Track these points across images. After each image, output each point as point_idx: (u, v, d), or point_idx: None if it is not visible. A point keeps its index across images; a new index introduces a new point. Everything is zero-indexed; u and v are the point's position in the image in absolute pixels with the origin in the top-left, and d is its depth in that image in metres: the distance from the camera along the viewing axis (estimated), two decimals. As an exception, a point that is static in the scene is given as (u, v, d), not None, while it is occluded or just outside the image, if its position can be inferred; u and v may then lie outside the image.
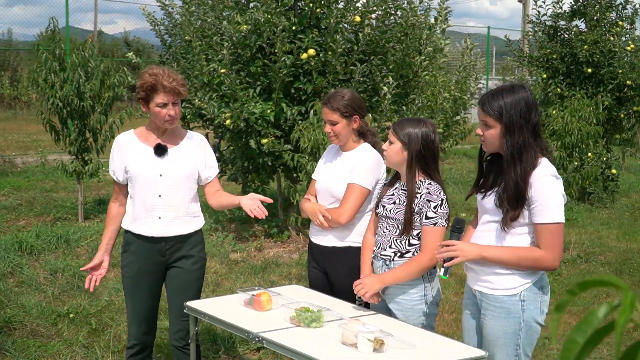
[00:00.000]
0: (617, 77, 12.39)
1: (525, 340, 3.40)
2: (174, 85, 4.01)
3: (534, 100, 3.37)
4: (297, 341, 3.31)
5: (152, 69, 4.08)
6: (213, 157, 4.33)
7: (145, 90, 4.00)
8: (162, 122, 4.05)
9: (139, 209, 4.12)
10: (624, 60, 12.43)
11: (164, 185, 4.08)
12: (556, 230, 3.28)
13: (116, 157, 4.17)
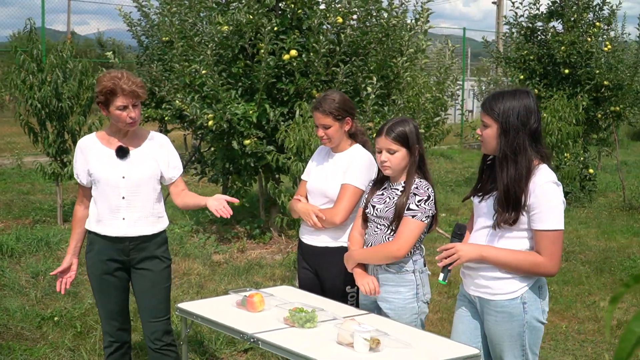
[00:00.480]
0: (595, 77, 12.50)
1: (531, 340, 3.42)
2: (133, 88, 4.02)
3: (535, 107, 3.40)
4: (292, 341, 3.31)
5: (110, 73, 4.09)
6: (177, 157, 4.33)
7: (105, 94, 4.00)
8: (123, 124, 4.06)
9: (102, 210, 4.12)
10: (601, 60, 12.54)
11: (127, 187, 4.09)
12: (556, 237, 3.31)
13: (79, 160, 4.17)
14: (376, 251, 3.87)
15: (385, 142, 3.85)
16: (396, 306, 3.85)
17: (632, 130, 23.22)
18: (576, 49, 12.52)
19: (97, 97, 4.04)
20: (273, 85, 8.55)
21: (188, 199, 4.36)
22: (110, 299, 4.22)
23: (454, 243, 3.46)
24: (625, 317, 6.60)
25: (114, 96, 3.99)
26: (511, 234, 3.39)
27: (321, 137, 4.26)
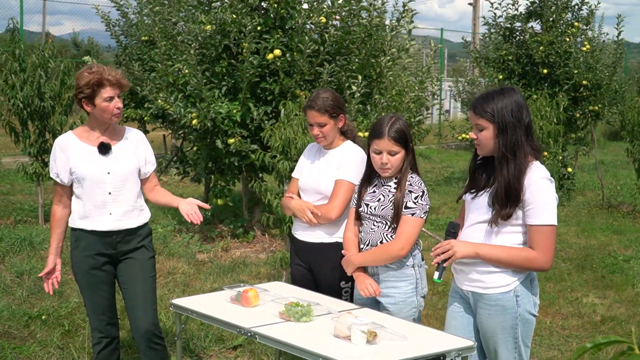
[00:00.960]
0: (573, 77, 12.64)
1: (524, 332, 3.48)
2: (118, 77, 4.09)
3: (524, 101, 3.48)
4: (289, 335, 3.34)
5: (90, 67, 4.11)
6: (152, 153, 4.40)
7: (92, 87, 4.01)
8: (109, 116, 4.08)
9: (89, 207, 4.13)
10: (580, 60, 12.68)
11: (112, 183, 4.13)
12: (549, 232, 3.38)
13: (59, 159, 4.16)
14: (378, 253, 3.90)
15: (387, 144, 3.84)
16: (397, 300, 3.89)
17: (610, 129, 23.47)
18: (555, 49, 12.65)
19: (82, 91, 4.03)
20: (257, 84, 8.56)
21: (160, 196, 4.43)
22: (99, 294, 4.23)
23: (449, 240, 3.51)
24: (608, 312, 6.69)
25: (100, 88, 4.02)
26: (506, 229, 3.44)
27: (316, 135, 4.28)
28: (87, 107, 4.09)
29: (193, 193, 12.67)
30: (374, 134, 3.92)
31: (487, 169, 3.59)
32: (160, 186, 4.51)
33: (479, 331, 3.60)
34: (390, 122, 3.90)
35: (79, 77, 4.07)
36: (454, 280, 3.69)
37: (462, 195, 3.72)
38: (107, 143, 4.15)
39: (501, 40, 13.63)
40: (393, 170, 3.92)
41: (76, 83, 4.08)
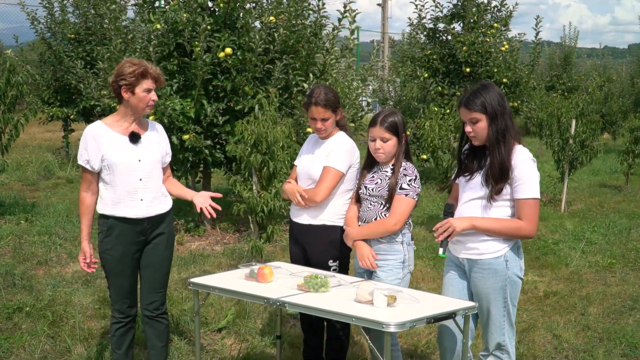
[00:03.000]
0: (494, 75, 13.40)
1: (512, 293, 3.98)
2: (158, 73, 4.41)
3: (502, 92, 3.98)
4: (315, 303, 3.71)
5: (130, 60, 4.40)
6: (169, 145, 4.69)
7: (136, 76, 4.27)
8: (144, 106, 4.35)
9: (121, 193, 4.37)
10: (500, 59, 13.45)
11: (143, 170, 4.40)
12: (534, 204, 3.89)
13: (90, 147, 4.36)
14: (375, 227, 4.34)
15: (379, 131, 4.32)
16: (384, 270, 4.32)
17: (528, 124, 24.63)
18: (476, 49, 13.38)
19: (125, 79, 4.26)
20: (209, 81, 8.84)
21: (173, 186, 4.71)
22: (126, 280, 4.50)
23: (448, 219, 3.97)
24: (549, 288, 7.31)
25: (144, 79, 4.29)
26: (497, 203, 3.94)
27: (319, 129, 4.64)
28: (125, 94, 4.31)
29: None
30: (370, 124, 4.39)
31: (476, 156, 4.08)
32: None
33: (473, 294, 4.06)
34: (384, 114, 4.37)
35: (122, 66, 4.31)
36: (449, 251, 4.14)
37: (455, 179, 4.20)
38: (137, 133, 4.41)
39: (426, 41, 14.29)
40: (386, 156, 4.35)
41: (119, 71, 4.30)
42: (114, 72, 4.40)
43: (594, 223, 10.71)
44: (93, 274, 7.15)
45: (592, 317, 6.42)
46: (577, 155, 12.12)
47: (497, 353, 4.08)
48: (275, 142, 6.60)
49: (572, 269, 8.10)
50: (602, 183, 15.67)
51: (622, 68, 32.55)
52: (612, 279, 7.74)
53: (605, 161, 19.11)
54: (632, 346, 5.67)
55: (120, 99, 4.36)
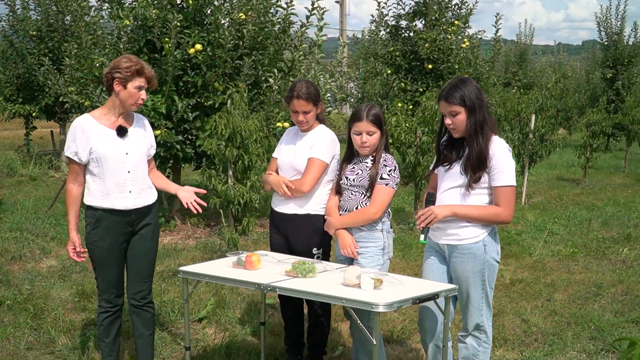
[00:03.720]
0: (455, 71, 13.64)
1: (489, 276, 4.18)
2: (152, 74, 4.53)
3: (479, 86, 4.19)
4: (305, 287, 3.86)
5: (128, 56, 4.51)
6: (153, 138, 4.81)
7: (132, 72, 4.39)
8: (133, 102, 4.46)
9: (110, 185, 4.47)
10: (461, 56, 13.71)
11: (131, 163, 4.51)
12: (511, 191, 4.11)
13: (79, 139, 4.44)
14: (356, 216, 4.50)
15: (365, 125, 4.48)
16: (365, 256, 4.49)
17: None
18: (438, 46, 13.61)
19: (120, 72, 4.36)
20: (179, 77, 8.92)
21: (157, 179, 4.81)
22: (114, 270, 4.60)
23: (429, 207, 4.15)
24: (515, 276, 7.56)
25: (138, 76, 4.41)
26: (475, 191, 4.13)
27: (301, 121, 4.78)
28: (117, 87, 4.40)
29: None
30: (355, 118, 4.54)
31: (454, 147, 4.27)
32: None
33: (452, 278, 4.25)
34: (367, 108, 4.53)
35: (120, 60, 4.43)
36: (429, 238, 4.33)
37: (434, 169, 4.39)
38: (125, 127, 4.51)
39: (389, 37, 14.50)
40: (371, 149, 4.53)
41: (115, 64, 4.41)
42: (83, 67, 4.48)
43: (555, 215, 11.05)
44: (68, 268, 7.27)
45: (558, 303, 6.68)
46: (536, 149, 12.46)
47: (475, 333, 4.29)
48: (249, 135, 6.73)
49: (536, 258, 8.37)
50: (560, 177, 16.10)
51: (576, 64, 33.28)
52: (576, 267, 8.03)
53: (562, 156, 19.60)
54: (600, 330, 5.92)
55: (110, 91, 4.45)
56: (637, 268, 7.93)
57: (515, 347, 5.58)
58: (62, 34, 14.64)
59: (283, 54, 9.58)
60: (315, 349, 5.03)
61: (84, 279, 6.99)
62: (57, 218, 9.67)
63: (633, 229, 9.98)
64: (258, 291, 6.60)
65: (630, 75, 22.01)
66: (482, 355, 4.31)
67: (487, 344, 4.33)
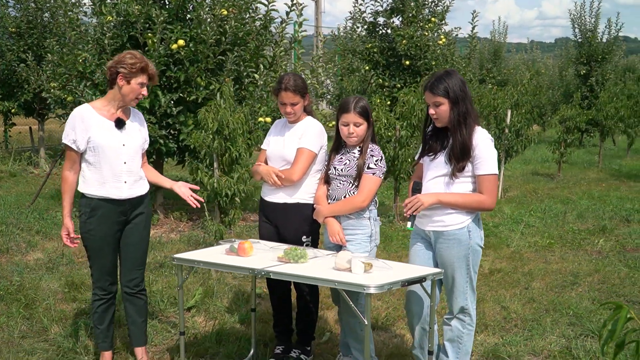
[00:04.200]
0: (432, 68, 13.85)
1: (473, 260, 4.35)
2: (154, 72, 4.67)
3: (463, 78, 4.35)
4: (298, 272, 4.01)
5: (133, 52, 4.64)
6: (147, 133, 4.95)
7: (137, 69, 4.52)
8: (133, 98, 4.61)
9: (106, 174, 4.60)
10: (437, 53, 13.93)
11: (127, 154, 4.65)
12: (494, 179, 4.28)
13: (78, 128, 4.56)
14: (344, 205, 4.66)
15: (353, 117, 4.64)
16: (353, 243, 4.65)
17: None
18: (415, 43, 13.81)
19: (125, 67, 4.50)
20: (162, 73, 9.02)
21: (149, 173, 4.95)
22: (108, 258, 4.73)
23: (416, 195, 4.32)
24: (493, 266, 7.75)
25: (142, 73, 4.55)
26: (459, 180, 4.30)
27: (288, 113, 4.93)
28: (121, 82, 4.53)
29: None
30: (342, 110, 4.69)
31: (439, 137, 4.44)
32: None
33: (438, 263, 4.42)
34: (355, 100, 4.69)
35: (124, 56, 4.55)
36: (415, 225, 4.49)
37: (418, 160, 4.56)
38: (123, 119, 4.64)
39: (367, 34, 14.68)
40: (358, 139, 4.68)
41: (120, 59, 4.53)
42: (67, 63, 4.58)
43: (531, 208, 11.29)
44: (55, 260, 7.35)
45: (536, 291, 6.88)
46: (512, 144, 12.70)
47: (460, 316, 4.46)
48: (236, 129, 6.85)
49: (514, 249, 8.58)
50: (535, 171, 16.38)
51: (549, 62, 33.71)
52: (552, 257, 8.25)
53: (536, 151, 19.94)
54: (578, 316, 6.11)
55: (112, 84, 4.58)
56: (613, 258, 8.16)
57: (495, 332, 5.76)
58: (41, 30, 14.64)
59: (264, 50, 9.71)
60: (303, 335, 5.18)
61: (72, 270, 7.10)
62: (41, 212, 9.75)
63: (608, 221, 10.24)
64: (245, 281, 6.80)
65: (604, 71, 22.41)
66: (466, 337, 4.49)
67: (471, 326, 4.51)
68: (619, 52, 24.85)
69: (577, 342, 5.48)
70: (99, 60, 9.00)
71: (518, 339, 5.57)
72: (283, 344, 5.20)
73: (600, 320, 5.95)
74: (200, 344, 5.31)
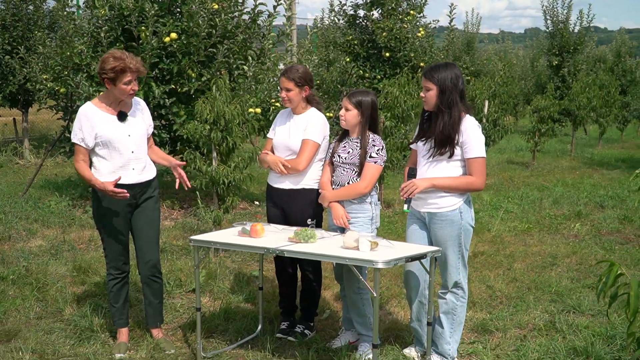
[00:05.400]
0: (411, 59, 14.25)
1: (465, 239, 4.75)
2: (138, 66, 4.92)
3: (460, 73, 4.75)
4: (310, 249, 4.37)
5: (113, 54, 4.89)
6: (151, 117, 5.28)
7: (115, 72, 4.81)
8: (126, 95, 4.93)
9: (117, 164, 4.94)
10: (416, 45, 14.32)
11: (133, 143, 4.98)
12: (482, 162, 4.66)
13: (85, 126, 4.89)
14: (348, 191, 5.03)
15: (345, 102, 5.10)
16: (356, 226, 5.02)
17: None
18: (395, 35, 14.18)
19: (106, 74, 4.80)
20: (155, 65, 9.30)
21: (154, 154, 5.29)
22: (120, 239, 5.07)
23: (411, 180, 4.70)
24: (477, 249, 8.17)
25: (123, 74, 4.82)
26: (450, 164, 4.69)
27: (283, 98, 5.30)
28: (108, 85, 4.86)
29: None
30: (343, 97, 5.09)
31: (431, 123, 4.81)
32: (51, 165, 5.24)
33: (433, 241, 4.81)
34: (353, 91, 5.12)
35: (104, 61, 4.83)
36: (411, 207, 4.87)
37: (413, 142, 4.93)
38: (124, 112, 4.96)
39: (347, 26, 15.02)
40: (347, 124, 5.11)
41: (101, 66, 4.83)
42: (63, 55, 4.82)
43: (508, 195, 11.75)
44: (58, 247, 7.63)
45: (518, 271, 7.30)
46: (490, 133, 13.15)
47: (454, 290, 4.86)
48: (232, 119, 7.18)
49: (494, 233, 9.01)
50: (510, 160, 16.87)
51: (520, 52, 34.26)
52: (531, 241, 8.69)
53: (510, 141, 20.45)
54: (558, 294, 6.53)
55: (106, 86, 4.91)
56: (590, 241, 8.61)
57: (483, 308, 6.17)
58: (26, 23, 14.81)
59: (252, 43, 10.02)
60: (307, 312, 5.54)
61: (75, 256, 7.39)
62: (35, 201, 9.98)
63: (583, 206, 10.72)
64: (243, 265, 7.15)
65: (576, 62, 22.93)
66: (460, 309, 4.89)
67: (464, 299, 4.91)
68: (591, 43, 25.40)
69: (560, 317, 5.88)
70: (94, 52, 9.26)
71: (504, 315, 5.97)
72: (288, 320, 5.57)
73: (581, 297, 6.37)
74: (210, 321, 5.65)
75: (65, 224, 8.85)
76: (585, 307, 6.10)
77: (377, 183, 5.17)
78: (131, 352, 5.12)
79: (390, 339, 5.39)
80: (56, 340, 5.28)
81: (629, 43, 27.24)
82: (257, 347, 5.17)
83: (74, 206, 9.89)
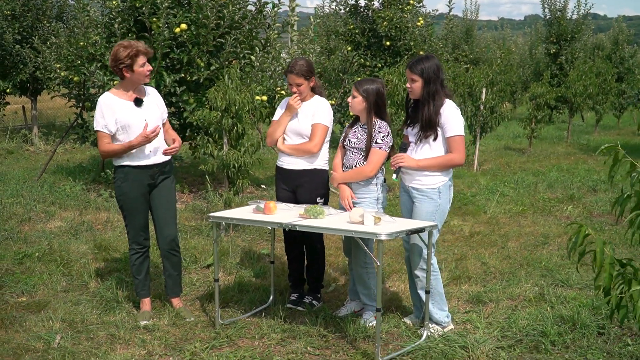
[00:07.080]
0: (411, 48, 14.67)
1: (439, 218, 5.23)
2: (146, 47, 5.38)
3: (441, 64, 5.25)
4: (320, 224, 4.82)
5: (121, 44, 5.31)
6: (164, 103, 5.71)
7: (131, 57, 5.24)
8: (144, 77, 5.35)
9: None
10: (416, 34, 14.73)
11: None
12: (460, 139, 5.15)
13: (106, 114, 5.33)
14: (355, 174, 5.47)
15: (353, 90, 5.53)
16: (362, 205, 5.45)
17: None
18: (395, 24, 14.60)
19: (123, 62, 5.22)
20: (166, 55, 9.72)
21: (167, 134, 5.72)
22: (141, 216, 5.53)
23: (402, 153, 5.17)
24: (473, 229, 8.61)
25: (137, 57, 5.26)
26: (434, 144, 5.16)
27: (294, 92, 5.72)
28: (127, 74, 5.28)
29: (92, 158, 13.53)
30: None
31: (417, 109, 5.27)
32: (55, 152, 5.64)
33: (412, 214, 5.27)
34: (362, 80, 5.53)
35: (117, 52, 5.25)
36: (402, 180, 5.34)
37: (401, 128, 5.41)
38: (140, 98, 5.40)
39: (348, 16, 15.43)
40: (353, 110, 5.55)
41: (115, 57, 5.25)
42: (78, 44, 5.15)
43: (504, 179, 12.18)
44: (77, 227, 8.08)
45: (512, 250, 7.75)
46: (487, 120, 13.57)
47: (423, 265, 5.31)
48: (242, 107, 7.62)
49: (490, 215, 9.46)
50: (507, 146, 17.29)
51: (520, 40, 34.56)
52: (525, 222, 9.13)
53: (508, 128, 20.85)
54: (548, 269, 6.98)
55: (122, 77, 5.32)
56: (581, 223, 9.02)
57: (478, 282, 6.62)
58: (35, 13, 15.21)
59: (258, 33, 10.43)
60: (315, 284, 6.00)
61: (95, 236, 7.84)
62: (50, 186, 10.43)
63: (576, 190, 11.16)
64: (252, 243, 7.60)
65: (573, 50, 23.30)
66: (435, 282, 5.35)
67: (436, 272, 5.37)
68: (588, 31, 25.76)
69: (549, 290, 6.33)
70: (107, 43, 9.68)
71: (497, 287, 6.42)
72: (297, 291, 6.03)
73: (569, 272, 6.82)
74: (225, 293, 6.11)
75: (82, 206, 9.30)
76: (573, 281, 6.55)
77: (383, 166, 5.59)
78: (154, 319, 5.57)
79: (392, 308, 5.86)
80: (84, 310, 5.74)
81: (627, 31, 27.61)
82: (269, 316, 5.63)
83: (88, 190, 10.33)
